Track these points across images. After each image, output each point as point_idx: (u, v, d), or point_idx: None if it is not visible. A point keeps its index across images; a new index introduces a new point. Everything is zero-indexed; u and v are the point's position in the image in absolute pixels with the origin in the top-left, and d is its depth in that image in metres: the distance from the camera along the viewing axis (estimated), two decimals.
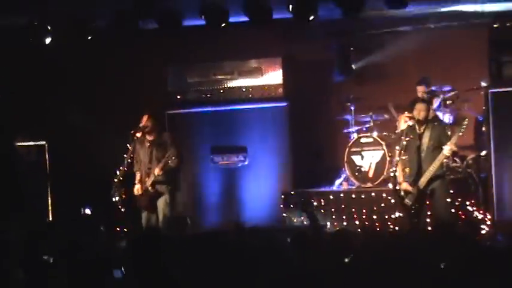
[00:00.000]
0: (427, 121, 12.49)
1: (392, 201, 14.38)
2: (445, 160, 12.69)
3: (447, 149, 12.12)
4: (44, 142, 16.26)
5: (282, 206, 15.56)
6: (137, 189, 13.68)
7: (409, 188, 12.43)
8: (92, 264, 8.47)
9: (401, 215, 13.82)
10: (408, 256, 8.35)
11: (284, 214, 15.47)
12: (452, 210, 13.51)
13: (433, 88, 14.92)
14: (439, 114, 14.68)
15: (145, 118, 13.85)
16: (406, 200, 12.57)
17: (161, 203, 13.57)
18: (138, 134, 13.80)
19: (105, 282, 8.34)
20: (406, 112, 14.76)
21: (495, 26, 14.82)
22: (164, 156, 13.49)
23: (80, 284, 7.95)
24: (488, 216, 14.12)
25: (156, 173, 13.38)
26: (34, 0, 13.63)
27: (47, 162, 16.28)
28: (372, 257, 8.56)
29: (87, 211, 15.35)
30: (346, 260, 8.45)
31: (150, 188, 13.54)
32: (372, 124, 15.79)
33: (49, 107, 16.01)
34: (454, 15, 15.35)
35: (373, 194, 15.02)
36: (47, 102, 15.95)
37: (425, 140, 12.38)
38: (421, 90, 14.81)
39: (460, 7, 14.90)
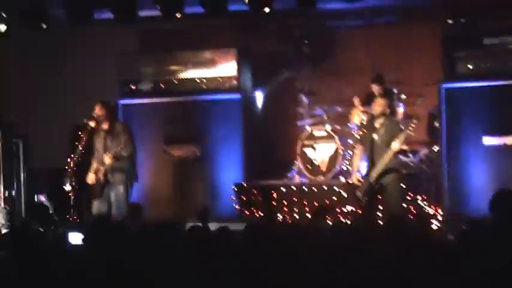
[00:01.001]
0: (384, 116, 12.54)
1: (345, 194, 14.48)
2: (399, 155, 12.79)
3: (395, 145, 12.21)
4: None
5: (234, 197, 15.61)
6: (91, 178, 13.65)
7: (360, 180, 12.53)
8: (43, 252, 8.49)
9: (353, 208, 13.92)
10: (359, 249, 8.43)
11: (236, 206, 15.52)
12: (404, 205, 13.62)
13: (387, 86, 15.06)
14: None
15: (98, 107, 13.83)
16: (357, 193, 12.68)
17: (114, 192, 13.58)
18: (92, 123, 13.78)
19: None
20: (359, 106, 14.94)
21: (448, 22, 14.97)
22: (118, 145, 13.52)
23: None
24: (440, 212, 14.25)
25: (106, 162, 13.39)
26: None
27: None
28: (326, 250, 8.64)
29: (42, 198, 15.34)
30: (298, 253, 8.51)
31: (102, 177, 13.54)
32: (325, 117, 15.88)
33: (6, 99, 15.93)
34: (408, 10, 15.46)
35: (325, 187, 15.09)
36: (4, 94, 15.86)
37: (380, 134, 12.46)
38: (376, 88, 14.89)
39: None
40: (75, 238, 10.67)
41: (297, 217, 14.91)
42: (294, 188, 15.36)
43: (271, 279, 7.15)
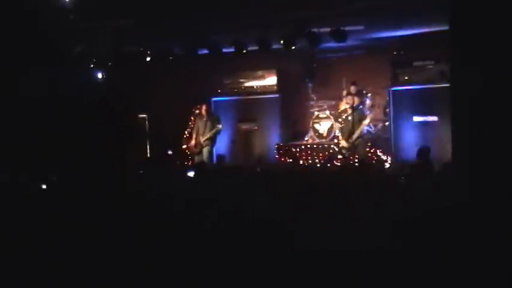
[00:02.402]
0: (357, 105, 12.65)
1: (336, 149, 14.59)
2: (365, 127, 12.87)
3: (365, 123, 12.33)
4: (145, 115, 16.51)
5: (275, 151, 15.76)
6: (193, 142, 13.93)
7: (345, 144, 12.63)
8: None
9: (341, 157, 14.04)
10: (345, 180, 8.58)
11: (276, 157, 15.67)
12: (369, 155, 13.73)
13: (359, 87, 15.11)
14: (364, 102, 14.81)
15: (203, 105, 14.12)
16: (343, 151, 12.79)
17: (205, 151, 13.84)
18: (197, 111, 14.04)
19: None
20: (344, 100, 15.00)
21: (394, 53, 14.99)
22: (212, 125, 13.76)
23: None
24: (389, 158, 14.33)
25: (208, 136, 13.67)
26: (141, 38, 13.74)
27: (147, 126, 16.55)
28: (326, 180, 8.80)
29: (170, 152, 15.59)
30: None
31: (202, 142, 13.77)
32: (325, 107, 15.96)
33: (150, 97, 16.10)
34: (372, 47, 15.43)
35: (325, 145, 15.20)
36: (149, 95, 16.03)
37: (355, 115, 12.56)
38: (353, 88, 14.94)
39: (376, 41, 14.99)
40: (190, 173, 10.91)
41: (310, 162, 15.04)
42: (308, 146, 15.48)
43: (296, 196, 7.29)
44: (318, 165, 14.50)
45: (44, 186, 9.45)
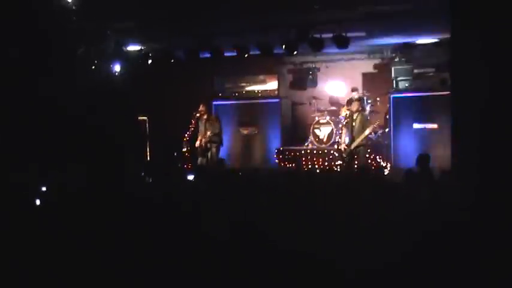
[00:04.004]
0: (358, 111, 12.69)
1: (336, 155, 14.57)
2: (368, 135, 12.89)
3: (367, 131, 12.38)
4: (146, 117, 16.48)
5: (275, 156, 15.75)
6: (198, 143, 13.95)
7: (345, 148, 12.66)
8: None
9: (341, 162, 14.01)
10: (345, 185, 8.57)
11: (276, 161, 15.67)
12: (369, 161, 13.70)
13: (360, 94, 15.10)
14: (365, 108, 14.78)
15: (201, 106, 14.07)
16: (344, 155, 12.79)
17: (210, 152, 13.83)
18: (198, 114, 14.03)
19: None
20: (345, 106, 14.97)
21: (395, 60, 15.00)
22: (212, 127, 13.76)
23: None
24: (389, 165, 14.33)
25: (206, 136, 13.68)
26: (144, 40, 13.75)
27: (147, 128, 16.53)
28: (326, 184, 8.80)
29: (175, 154, 15.53)
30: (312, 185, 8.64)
31: (203, 144, 13.78)
32: (325, 112, 15.95)
33: (149, 99, 16.10)
34: (373, 51, 15.45)
35: (325, 151, 15.20)
36: (148, 96, 16.03)
37: (356, 122, 12.58)
38: (354, 94, 14.93)
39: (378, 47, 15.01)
40: (190, 177, 10.89)
41: (310, 167, 15.03)
42: (308, 151, 15.48)
43: (297, 199, 7.28)
44: (318, 170, 14.49)
45: (43, 189, 9.39)
